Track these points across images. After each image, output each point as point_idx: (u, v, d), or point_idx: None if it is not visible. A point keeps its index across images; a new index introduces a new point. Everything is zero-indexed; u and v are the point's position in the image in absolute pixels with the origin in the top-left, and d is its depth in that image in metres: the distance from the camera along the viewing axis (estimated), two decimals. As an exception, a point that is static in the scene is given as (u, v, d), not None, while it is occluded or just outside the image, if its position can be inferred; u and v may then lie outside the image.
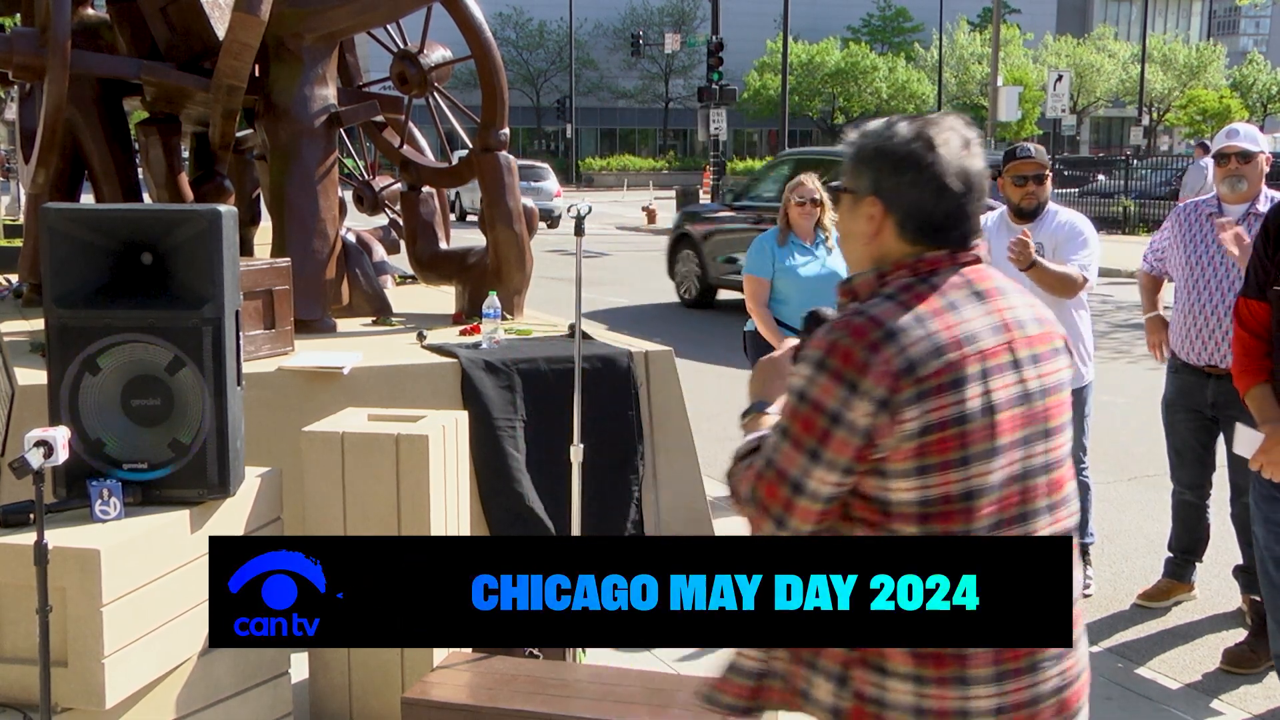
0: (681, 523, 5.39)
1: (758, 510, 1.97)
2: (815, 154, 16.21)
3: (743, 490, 2.00)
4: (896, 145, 1.99)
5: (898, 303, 1.95)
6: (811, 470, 1.93)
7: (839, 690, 2.00)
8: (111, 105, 6.73)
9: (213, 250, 3.24)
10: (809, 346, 1.98)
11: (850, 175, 2.05)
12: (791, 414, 1.95)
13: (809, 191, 6.35)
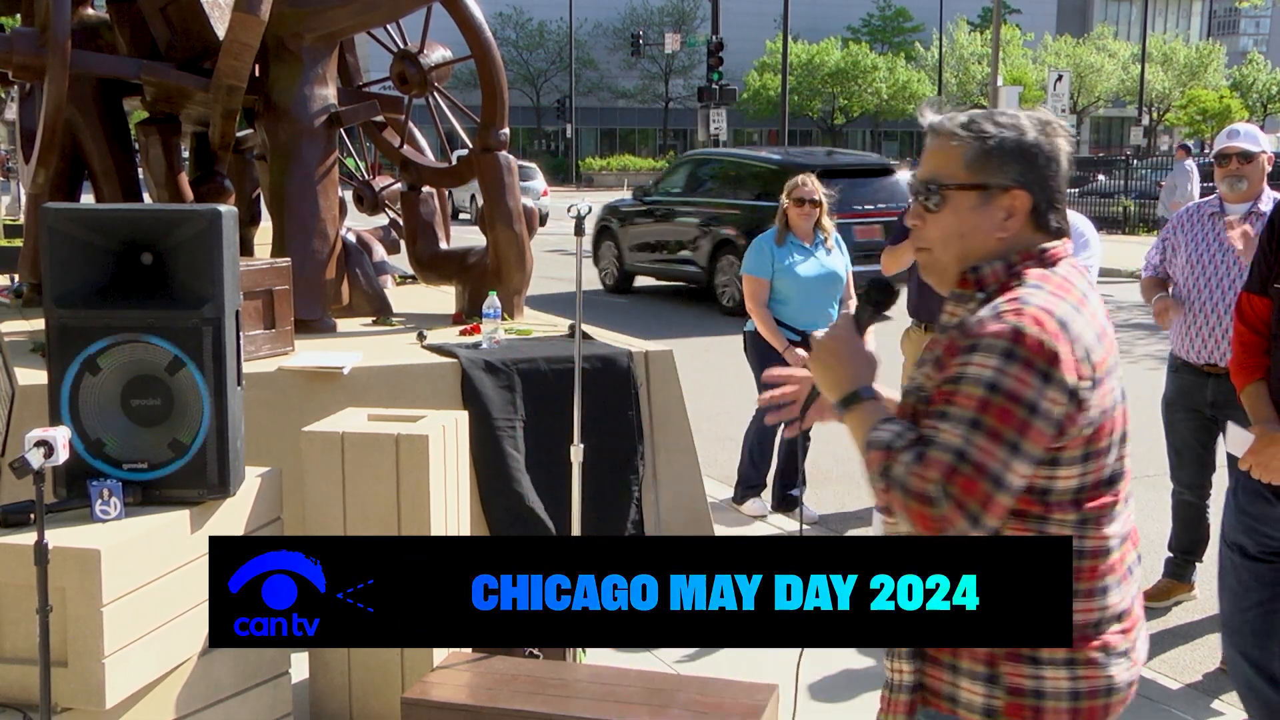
0: (681, 523, 5.39)
1: (952, 507, 1.85)
2: (714, 154, 17.75)
3: (919, 486, 1.87)
4: (1037, 139, 2.01)
5: (1048, 292, 1.96)
6: (1011, 464, 1.87)
7: (990, 689, 1.99)
8: (111, 105, 6.73)
9: (213, 250, 3.24)
10: (985, 335, 1.90)
11: (980, 170, 2.01)
12: (982, 405, 1.87)
13: (808, 192, 6.36)
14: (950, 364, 1.93)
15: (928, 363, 2.03)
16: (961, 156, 2.01)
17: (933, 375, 1.99)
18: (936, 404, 1.93)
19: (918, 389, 2.02)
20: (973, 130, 2.01)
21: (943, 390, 1.93)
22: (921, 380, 2.02)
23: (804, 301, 6.29)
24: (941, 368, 1.96)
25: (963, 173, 2.01)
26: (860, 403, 2.03)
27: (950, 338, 1.97)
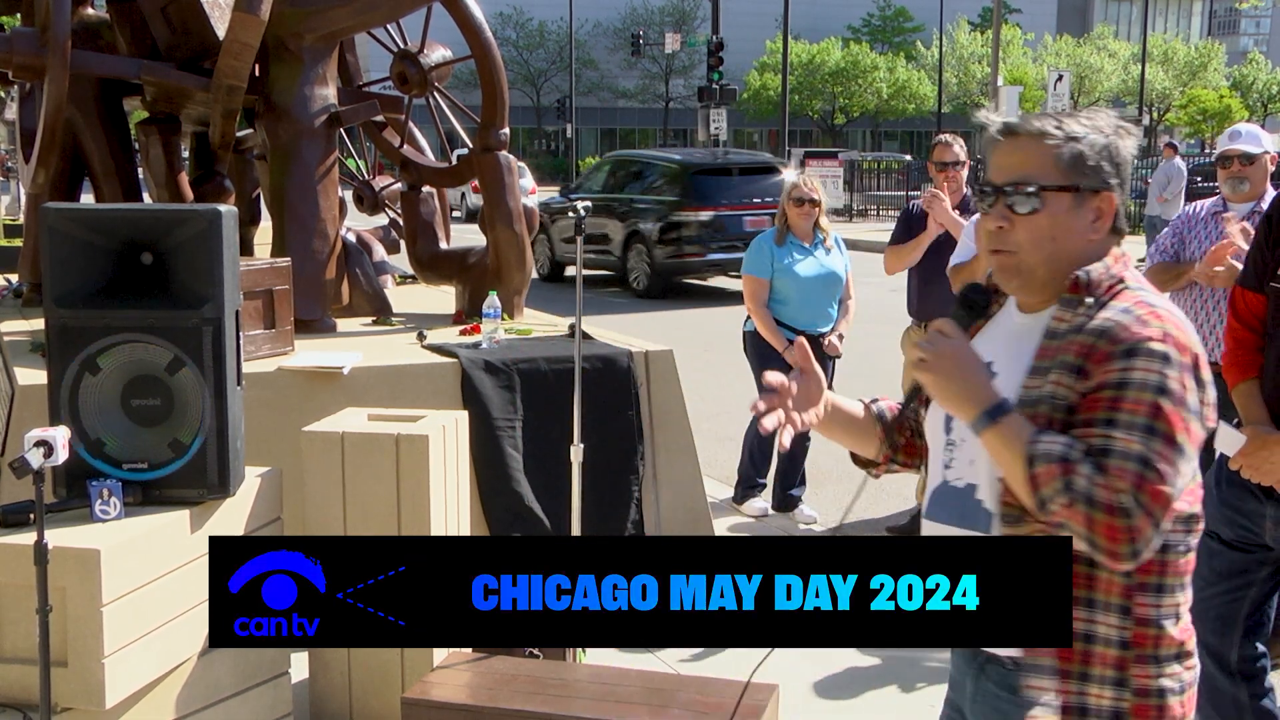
0: (681, 523, 5.39)
1: (1143, 516, 1.81)
2: (628, 155, 19.35)
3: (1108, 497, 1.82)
4: (1117, 140, 2.01)
5: (1152, 293, 1.98)
6: (1181, 467, 1.86)
7: (1119, 692, 1.97)
8: (112, 105, 6.73)
9: (213, 250, 3.24)
10: (1141, 339, 1.88)
11: (1074, 171, 1.99)
12: (1155, 411, 1.84)
13: (807, 192, 6.37)
14: (1101, 370, 1.89)
15: (1054, 369, 1.95)
16: (1055, 158, 1.98)
17: (1068, 382, 1.92)
18: (1094, 411, 1.88)
19: (1050, 396, 1.93)
20: (1065, 131, 1.99)
21: (1099, 397, 1.88)
22: (1053, 388, 1.94)
23: (804, 301, 6.30)
24: (1084, 375, 1.90)
25: (1057, 174, 1.98)
26: (1006, 415, 1.91)
27: (1086, 343, 1.92)
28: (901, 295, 6.30)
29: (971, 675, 2.13)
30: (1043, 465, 1.85)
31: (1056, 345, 1.97)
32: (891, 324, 6.66)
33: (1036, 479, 1.85)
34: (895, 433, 2.31)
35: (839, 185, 31.73)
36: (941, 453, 2.12)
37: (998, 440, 1.91)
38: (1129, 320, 1.91)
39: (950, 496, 2.09)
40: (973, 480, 2.04)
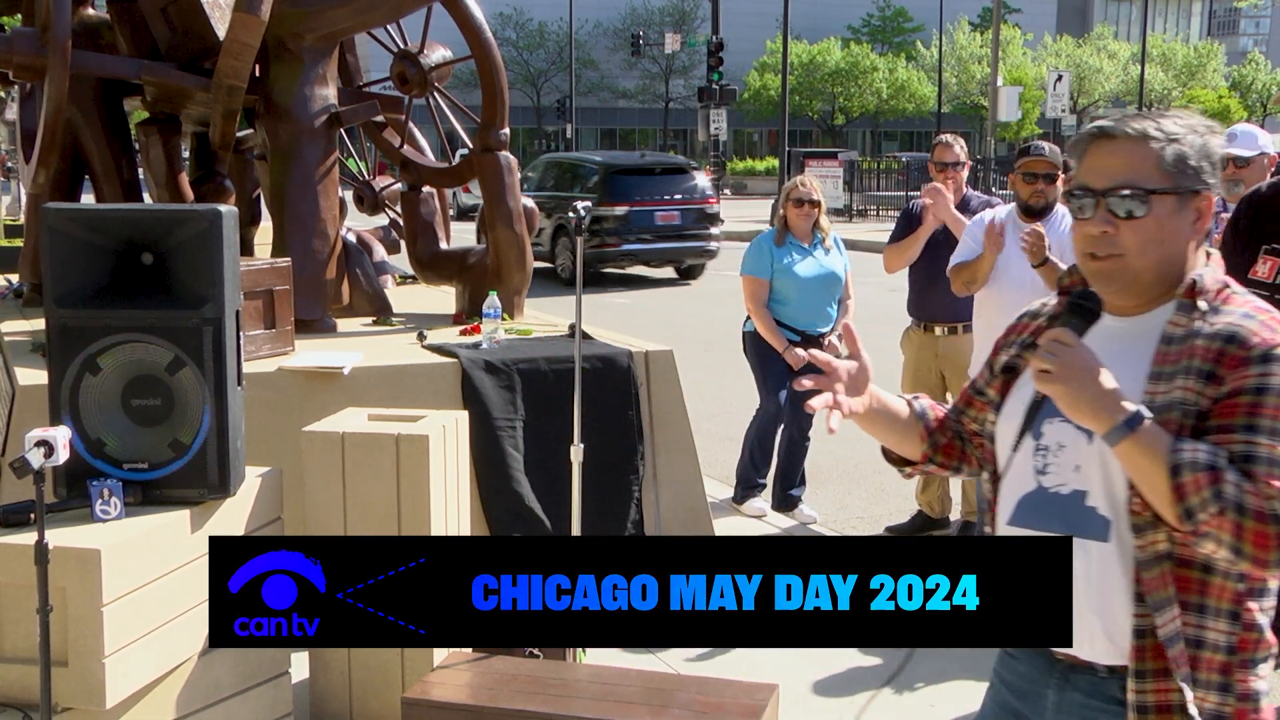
0: (681, 523, 5.39)
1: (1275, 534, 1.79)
2: (559, 157, 20.58)
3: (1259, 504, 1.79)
4: (1216, 140, 1.99)
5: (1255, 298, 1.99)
6: None
7: (1223, 696, 1.94)
8: (112, 105, 6.73)
9: (213, 250, 3.24)
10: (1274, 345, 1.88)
11: (1177, 173, 1.96)
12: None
13: (806, 193, 6.38)
14: (1235, 376, 1.87)
15: (1179, 374, 1.91)
16: (1158, 160, 1.95)
17: (1198, 387, 1.89)
18: (1232, 417, 1.86)
19: (1180, 402, 1.89)
20: (1165, 132, 1.96)
21: (1237, 403, 1.86)
22: (1182, 394, 1.90)
23: (803, 301, 6.30)
24: (1215, 380, 1.88)
25: (1161, 176, 1.95)
26: (1143, 425, 1.85)
27: (1214, 349, 1.90)
28: (901, 295, 6.30)
29: (1054, 685, 2.07)
30: (1189, 475, 1.81)
31: (1177, 350, 1.93)
32: (892, 324, 6.66)
33: (1183, 488, 1.81)
34: (938, 433, 2.28)
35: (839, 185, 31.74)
36: (1031, 459, 2.06)
37: (1136, 450, 1.85)
38: (1256, 326, 1.90)
39: (1050, 503, 2.03)
40: (1081, 487, 1.99)
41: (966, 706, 4.00)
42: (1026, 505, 2.06)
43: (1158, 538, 1.90)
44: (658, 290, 16.90)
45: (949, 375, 5.99)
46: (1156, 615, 1.90)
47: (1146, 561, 1.91)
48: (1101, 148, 1.99)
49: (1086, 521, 1.98)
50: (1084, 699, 2.03)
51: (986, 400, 2.24)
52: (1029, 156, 5.24)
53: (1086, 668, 2.02)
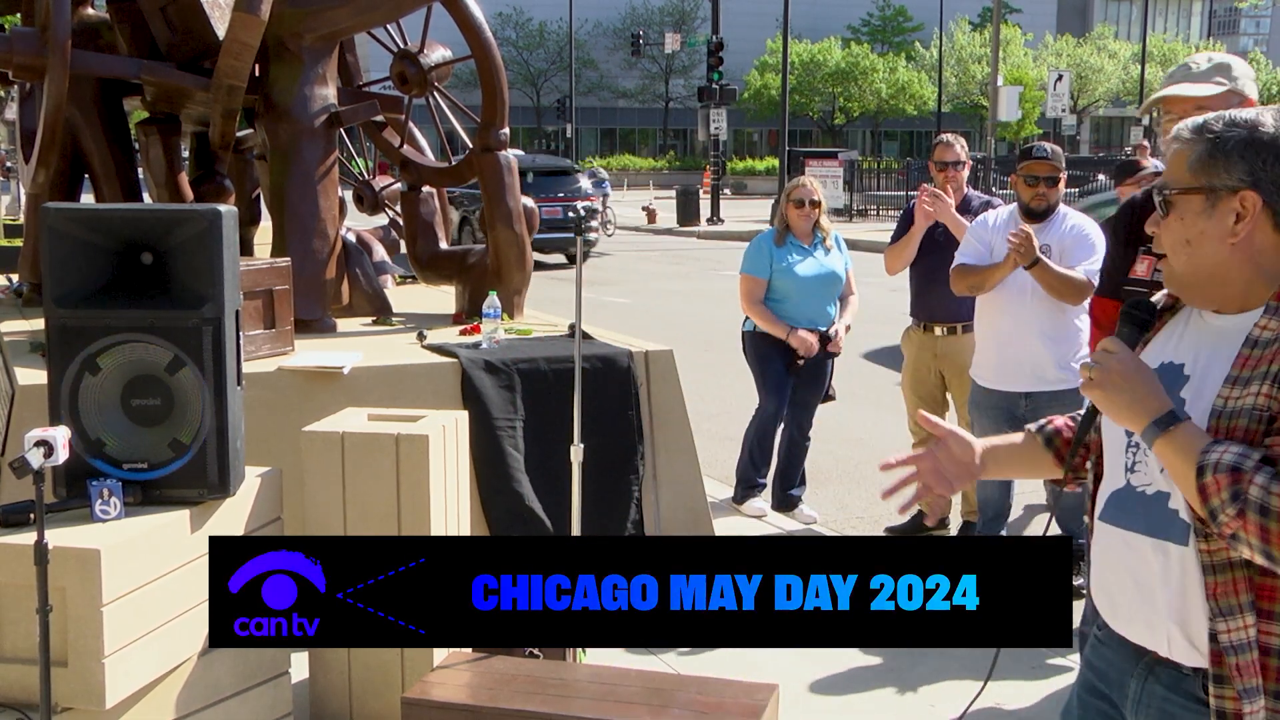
0: (681, 523, 5.39)
1: None
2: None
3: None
4: (1276, 134, 1.90)
5: None
6: None
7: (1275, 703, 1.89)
8: (112, 105, 6.73)
9: (213, 250, 3.24)
10: None
11: (1204, 172, 1.92)
12: None
13: (807, 193, 6.39)
14: None
15: (1257, 380, 1.87)
16: (1186, 160, 1.93)
17: (1273, 393, 1.84)
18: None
19: (1253, 409, 1.85)
20: (1200, 132, 1.94)
21: None
22: (1256, 399, 1.85)
23: (803, 300, 6.31)
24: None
25: (1187, 176, 1.93)
26: (1179, 424, 1.85)
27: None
28: (902, 295, 6.30)
29: (1138, 676, 2.04)
30: (1216, 474, 1.80)
31: (1259, 355, 1.89)
32: (892, 324, 6.66)
33: (1205, 489, 1.81)
34: (1073, 454, 2.19)
35: (839, 185, 31.75)
36: (1123, 455, 2.04)
37: (1169, 450, 1.86)
38: None
39: (1136, 502, 2.01)
40: (1165, 488, 1.97)
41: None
42: (1114, 502, 2.04)
43: (1224, 544, 1.85)
44: (658, 291, 16.88)
45: (949, 375, 5.98)
46: (1220, 621, 1.87)
47: (1215, 566, 1.88)
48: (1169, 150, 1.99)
49: (1168, 523, 1.95)
50: (1165, 693, 2.00)
51: None
52: (1031, 159, 5.22)
53: (1171, 664, 1.99)
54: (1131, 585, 1.98)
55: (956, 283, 5.31)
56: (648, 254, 24.09)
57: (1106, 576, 2.03)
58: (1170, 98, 3.11)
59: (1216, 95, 3.06)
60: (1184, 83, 3.13)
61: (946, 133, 6.46)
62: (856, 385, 8.58)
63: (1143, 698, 2.03)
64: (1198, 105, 3.00)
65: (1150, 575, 1.95)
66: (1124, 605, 2.00)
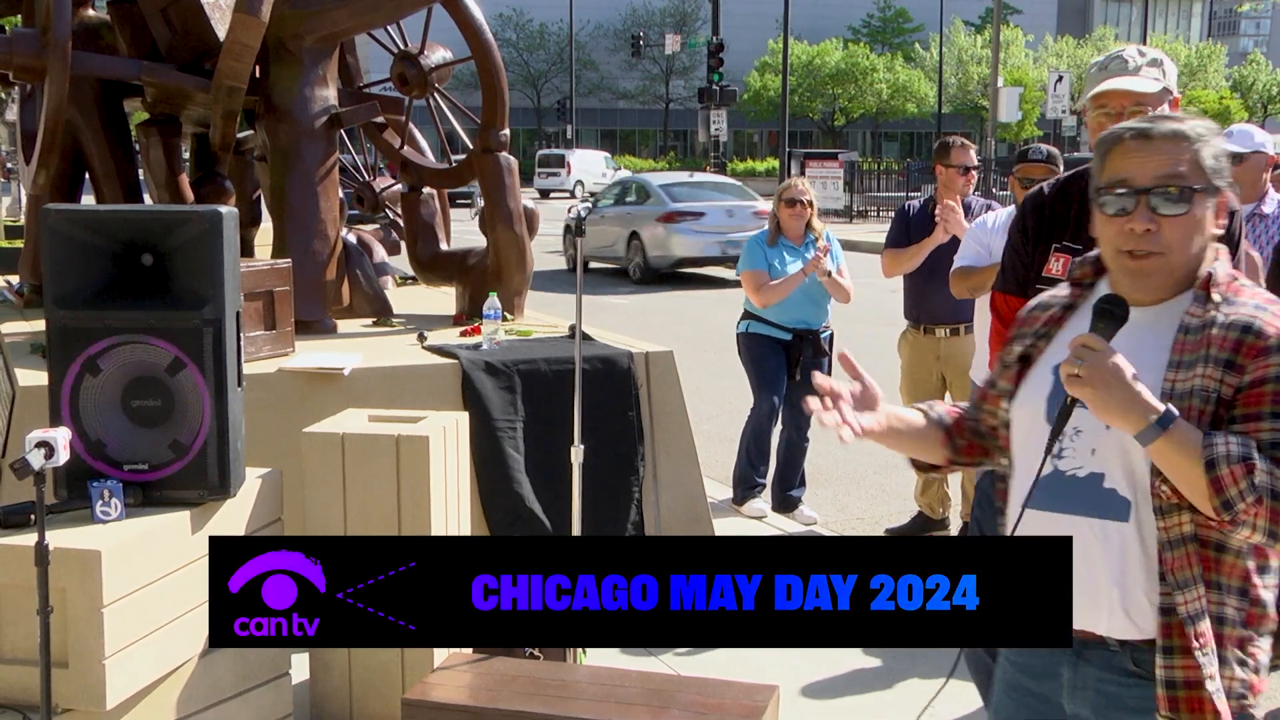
0: (682, 523, 5.39)
1: None
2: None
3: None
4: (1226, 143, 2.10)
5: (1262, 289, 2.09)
6: None
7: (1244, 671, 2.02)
8: (112, 106, 6.73)
9: (213, 251, 3.24)
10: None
11: (1213, 171, 2.05)
12: None
13: (799, 193, 6.39)
14: (1257, 365, 1.94)
15: (1199, 363, 1.98)
16: (1199, 158, 2.04)
17: (1218, 375, 1.96)
18: (1259, 405, 1.94)
19: (1201, 390, 1.96)
20: (1196, 133, 2.05)
21: (1262, 392, 1.94)
22: (1202, 382, 1.96)
23: (796, 300, 6.31)
24: (1236, 369, 1.95)
25: (1202, 174, 2.03)
26: (1175, 423, 1.91)
27: (1232, 339, 1.97)
28: (901, 296, 6.30)
29: (1068, 663, 2.12)
30: (1227, 467, 1.88)
31: (1194, 340, 2.00)
32: (891, 325, 6.66)
33: (1220, 482, 1.88)
34: (957, 436, 2.34)
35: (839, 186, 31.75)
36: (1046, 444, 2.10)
37: (1169, 448, 1.91)
38: (1269, 316, 1.99)
39: (1067, 486, 2.08)
40: (1098, 469, 2.05)
41: (966, 706, 3.99)
42: (1043, 488, 2.09)
43: (1182, 519, 1.96)
44: (658, 291, 16.89)
45: (951, 377, 5.97)
46: (1178, 594, 1.96)
47: (1171, 543, 1.97)
48: (1141, 147, 2.04)
49: (1106, 503, 2.03)
50: (1099, 673, 2.08)
51: (999, 392, 2.28)
52: (1027, 161, 5.21)
53: (1098, 643, 2.07)
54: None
55: (957, 285, 5.28)
56: (648, 255, 24.07)
57: None
58: (1111, 92, 3.08)
59: (1154, 93, 3.08)
60: (1124, 76, 3.11)
61: (956, 135, 6.35)
62: (857, 386, 8.60)
63: (1078, 682, 2.10)
64: (1136, 101, 3.04)
65: (1089, 555, 2.02)
66: None
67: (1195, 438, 1.91)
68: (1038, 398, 2.14)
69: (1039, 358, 2.18)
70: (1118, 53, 3.21)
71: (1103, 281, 2.18)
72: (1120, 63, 3.13)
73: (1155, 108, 2.98)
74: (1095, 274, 2.19)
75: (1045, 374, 2.14)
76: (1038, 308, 2.28)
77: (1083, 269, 2.22)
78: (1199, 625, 1.96)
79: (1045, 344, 2.17)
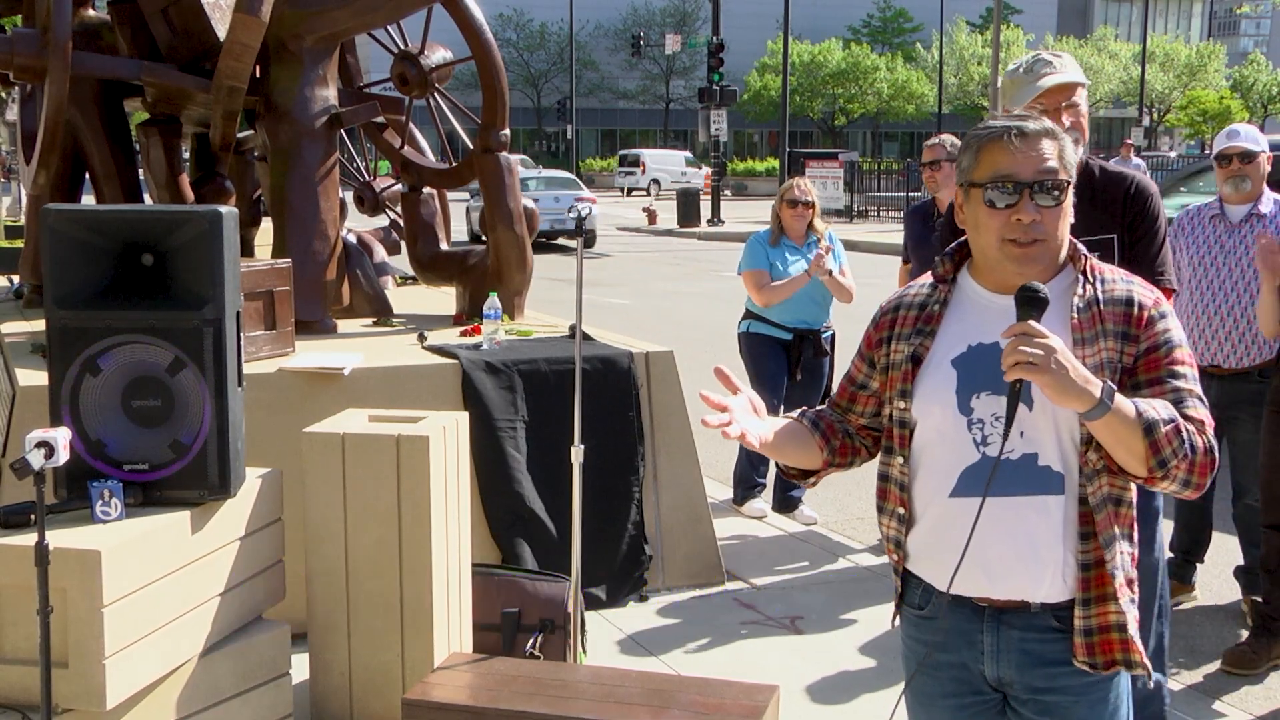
0: (682, 524, 5.39)
1: (1210, 461, 2.09)
2: None
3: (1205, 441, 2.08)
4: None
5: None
6: None
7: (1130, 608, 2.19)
8: (112, 106, 6.73)
9: (213, 251, 3.24)
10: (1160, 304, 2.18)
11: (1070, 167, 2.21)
12: (1189, 357, 2.18)
13: (801, 194, 6.38)
14: (1148, 334, 2.16)
15: (1099, 338, 2.15)
16: (1064, 154, 2.20)
17: (1119, 347, 2.16)
18: (1157, 370, 2.14)
19: (1110, 362, 2.15)
20: (1060, 131, 2.23)
21: (1156, 357, 2.15)
22: (1109, 355, 2.15)
23: (797, 301, 6.31)
24: (1132, 340, 2.16)
25: (1067, 168, 2.20)
26: (1115, 396, 2.05)
27: (1122, 312, 2.17)
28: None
29: (988, 630, 2.23)
30: (1164, 429, 2.04)
31: (1088, 317, 2.17)
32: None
33: (1157, 444, 2.04)
34: (832, 438, 2.43)
35: (839, 186, 31.72)
36: (967, 433, 2.20)
37: (1116, 419, 2.04)
38: (1137, 288, 2.21)
39: (1005, 470, 2.17)
40: (1029, 450, 2.16)
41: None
42: (972, 476, 2.19)
43: (1103, 483, 2.14)
44: (659, 292, 16.88)
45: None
46: (1107, 550, 2.15)
47: (1098, 504, 2.15)
48: (1021, 145, 2.17)
49: (1044, 480, 2.17)
50: (1021, 635, 2.21)
51: (870, 394, 2.40)
52: None
53: (1020, 608, 2.20)
54: (1009, 544, 2.17)
55: None
56: (648, 255, 24.08)
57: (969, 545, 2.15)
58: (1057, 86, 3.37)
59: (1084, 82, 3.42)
60: (1060, 73, 3.38)
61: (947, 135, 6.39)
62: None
63: (1000, 645, 2.22)
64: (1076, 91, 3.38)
65: (1032, 530, 2.16)
66: (999, 564, 2.17)
67: (1129, 406, 2.04)
68: (944, 392, 2.21)
69: (928, 355, 2.26)
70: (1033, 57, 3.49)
71: (963, 273, 2.31)
72: (1044, 63, 3.43)
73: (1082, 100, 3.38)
74: (955, 268, 2.32)
75: (944, 369, 2.22)
76: (903, 308, 2.36)
77: (945, 265, 2.32)
78: (1123, 575, 2.17)
79: (931, 341, 2.27)
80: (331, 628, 3.89)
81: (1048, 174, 2.16)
